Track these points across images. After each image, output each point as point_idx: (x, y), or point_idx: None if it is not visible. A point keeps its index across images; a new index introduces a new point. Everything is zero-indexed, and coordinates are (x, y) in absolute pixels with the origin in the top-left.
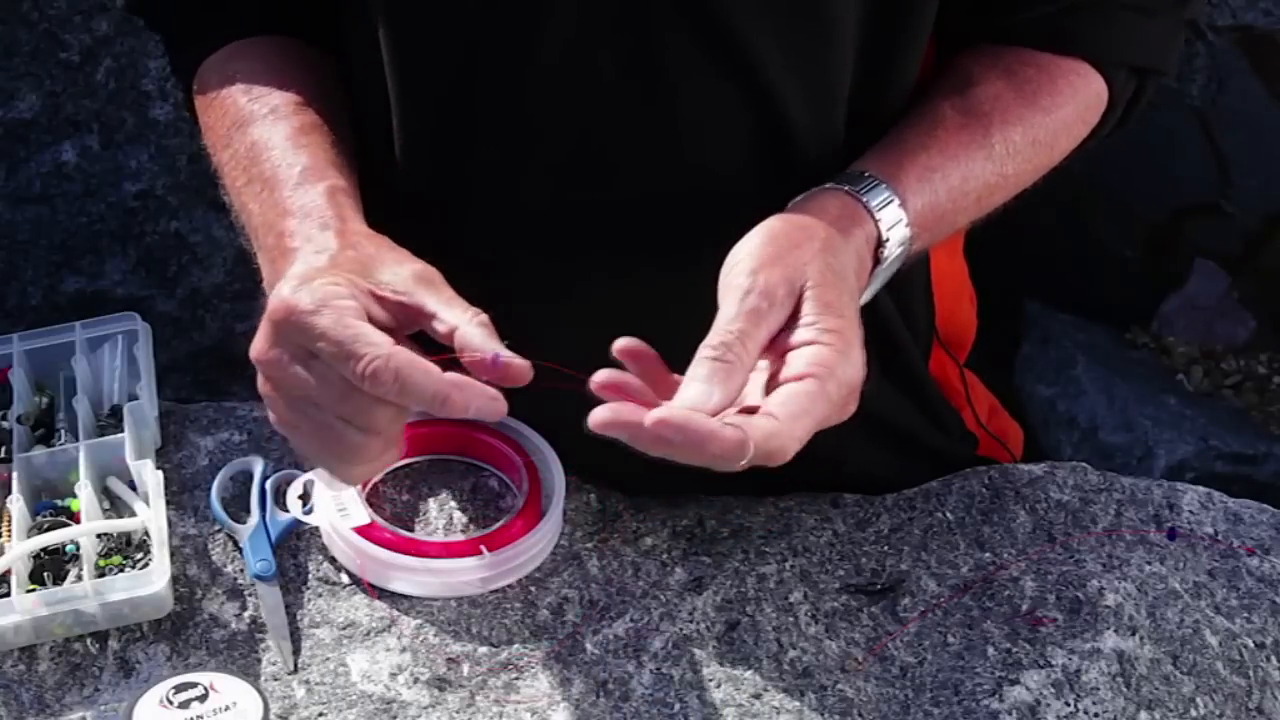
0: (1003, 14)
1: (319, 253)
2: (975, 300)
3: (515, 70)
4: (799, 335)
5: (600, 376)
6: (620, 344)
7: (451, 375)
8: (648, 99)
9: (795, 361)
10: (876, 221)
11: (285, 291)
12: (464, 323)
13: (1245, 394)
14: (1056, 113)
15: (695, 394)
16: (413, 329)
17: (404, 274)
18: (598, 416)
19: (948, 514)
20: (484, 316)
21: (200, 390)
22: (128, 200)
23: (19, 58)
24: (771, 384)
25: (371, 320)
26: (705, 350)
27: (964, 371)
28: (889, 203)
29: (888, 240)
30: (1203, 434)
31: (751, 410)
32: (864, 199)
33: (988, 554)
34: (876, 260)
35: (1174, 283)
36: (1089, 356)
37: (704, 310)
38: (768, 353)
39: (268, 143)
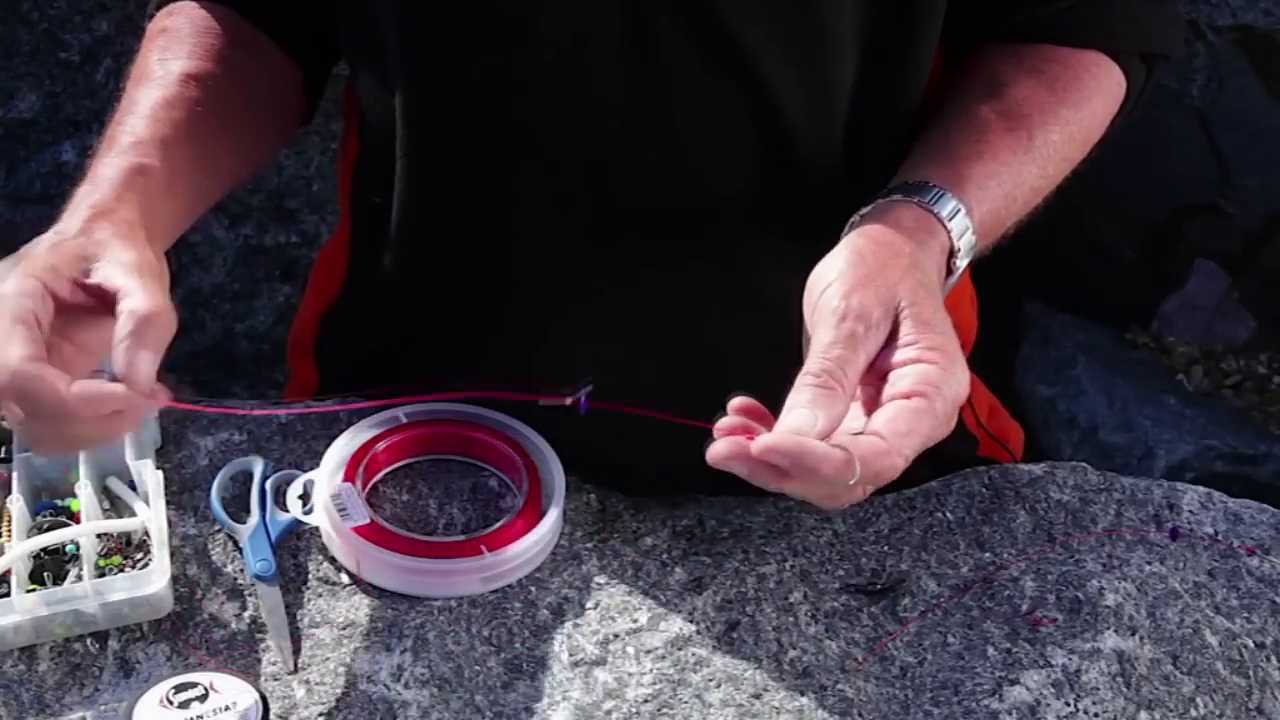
0: (1014, 14)
1: (57, 233)
2: (976, 301)
3: (511, 67)
4: (901, 354)
5: (724, 423)
6: (735, 403)
7: (80, 388)
8: (644, 95)
9: (900, 380)
10: (949, 232)
11: None
12: (125, 309)
13: (1245, 394)
14: (1086, 107)
15: (799, 419)
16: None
17: (117, 258)
18: (716, 450)
19: (948, 514)
20: (153, 312)
21: (200, 390)
22: None
23: (19, 58)
24: (874, 405)
25: (70, 307)
26: (806, 377)
27: None
28: (957, 212)
29: (959, 250)
30: (1203, 434)
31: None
32: (935, 209)
33: (988, 554)
34: (949, 270)
35: (1174, 283)
36: (1089, 356)
37: (704, 307)
38: (866, 375)
39: (135, 105)
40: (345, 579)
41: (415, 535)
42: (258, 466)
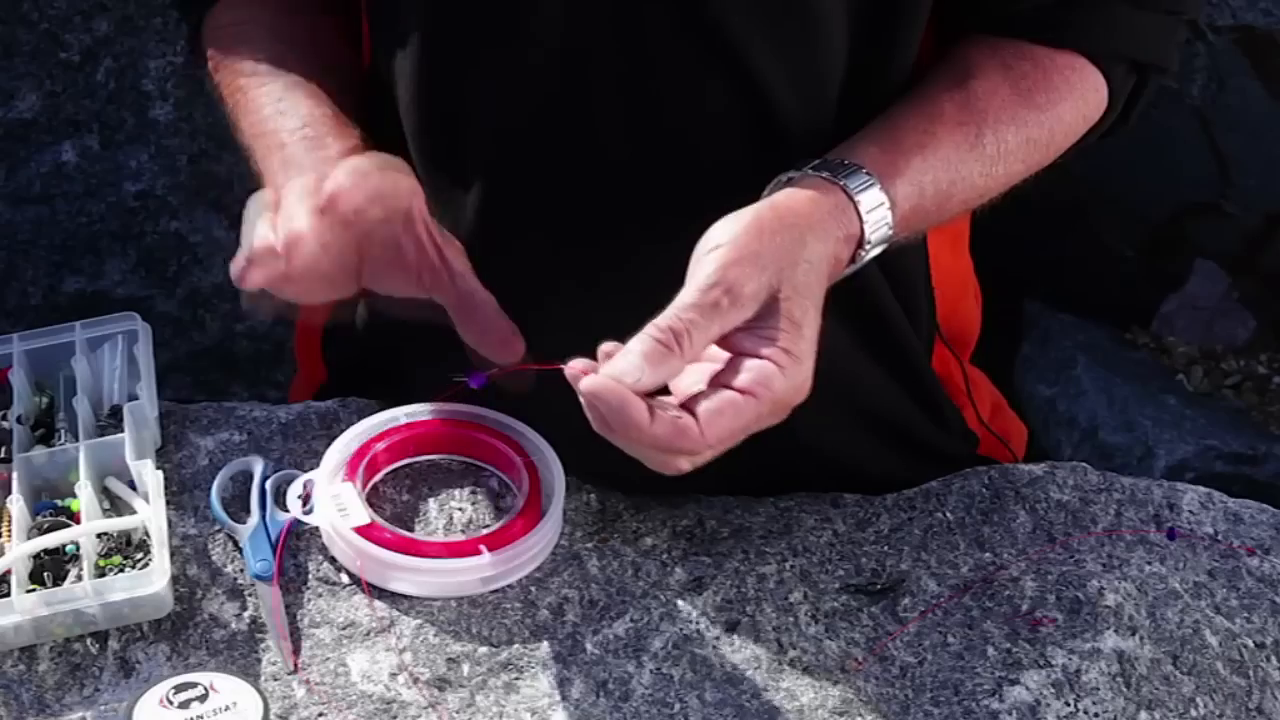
0: (1000, 5)
1: (399, 181)
2: (980, 297)
3: (504, 56)
4: (755, 344)
5: (577, 364)
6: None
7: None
8: (635, 85)
9: (742, 373)
10: (863, 223)
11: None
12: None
13: (1245, 394)
14: (1052, 110)
15: (624, 366)
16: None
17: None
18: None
19: (948, 514)
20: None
21: (200, 390)
22: (128, 200)
23: (19, 58)
24: (717, 380)
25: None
26: (651, 329)
27: (966, 368)
28: (879, 204)
29: (869, 242)
30: (1203, 434)
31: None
32: (857, 199)
33: (988, 554)
34: (854, 259)
35: (1174, 283)
36: (1089, 356)
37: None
38: (724, 344)
39: (294, 99)
40: (345, 579)
41: (415, 535)
42: (258, 466)
